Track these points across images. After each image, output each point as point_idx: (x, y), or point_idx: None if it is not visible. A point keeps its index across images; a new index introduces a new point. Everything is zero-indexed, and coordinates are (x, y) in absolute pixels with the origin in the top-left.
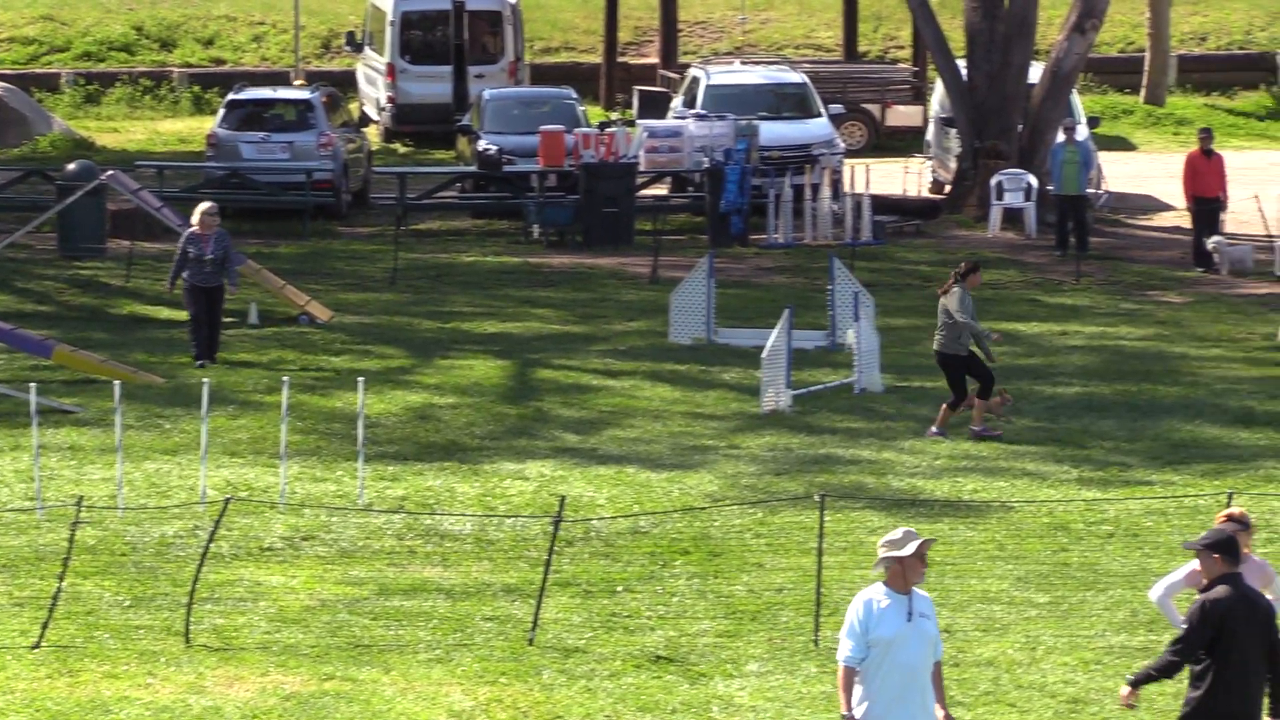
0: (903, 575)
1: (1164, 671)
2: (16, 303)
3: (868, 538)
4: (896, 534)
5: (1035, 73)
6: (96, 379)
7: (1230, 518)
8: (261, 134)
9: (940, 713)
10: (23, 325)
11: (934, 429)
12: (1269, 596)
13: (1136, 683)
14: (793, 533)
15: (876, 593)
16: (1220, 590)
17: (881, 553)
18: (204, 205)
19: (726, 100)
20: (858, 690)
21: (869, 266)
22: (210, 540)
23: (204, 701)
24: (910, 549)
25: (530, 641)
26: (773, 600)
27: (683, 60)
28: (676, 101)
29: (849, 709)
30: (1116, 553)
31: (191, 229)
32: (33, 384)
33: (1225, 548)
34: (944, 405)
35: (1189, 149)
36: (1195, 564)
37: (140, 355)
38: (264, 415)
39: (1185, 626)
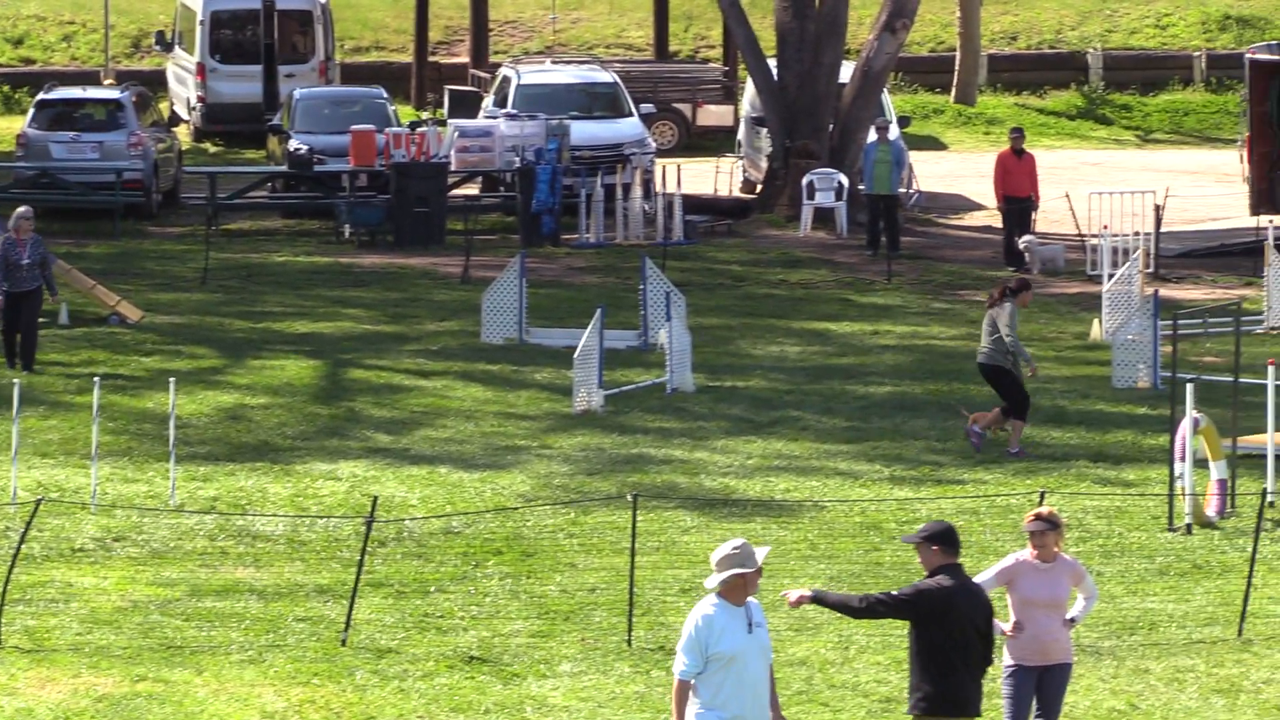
0: (744, 588)
1: (848, 609)
2: None
3: (680, 537)
4: (733, 548)
5: (846, 72)
6: None
7: (1039, 517)
8: (71, 134)
9: (772, 715)
10: None
11: (1013, 449)
12: (1081, 595)
13: (821, 599)
14: (605, 533)
15: (713, 606)
16: (941, 579)
17: (724, 569)
18: (20, 210)
19: (537, 100)
20: (694, 703)
21: (680, 266)
22: (21, 542)
23: (16, 703)
24: (758, 562)
25: (343, 642)
26: (585, 600)
27: (494, 60)
28: (488, 101)
29: None
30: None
31: (7, 234)
32: None
33: (943, 539)
34: (1013, 420)
35: (1000, 148)
36: (1006, 562)
37: None
38: (75, 416)
39: (898, 594)
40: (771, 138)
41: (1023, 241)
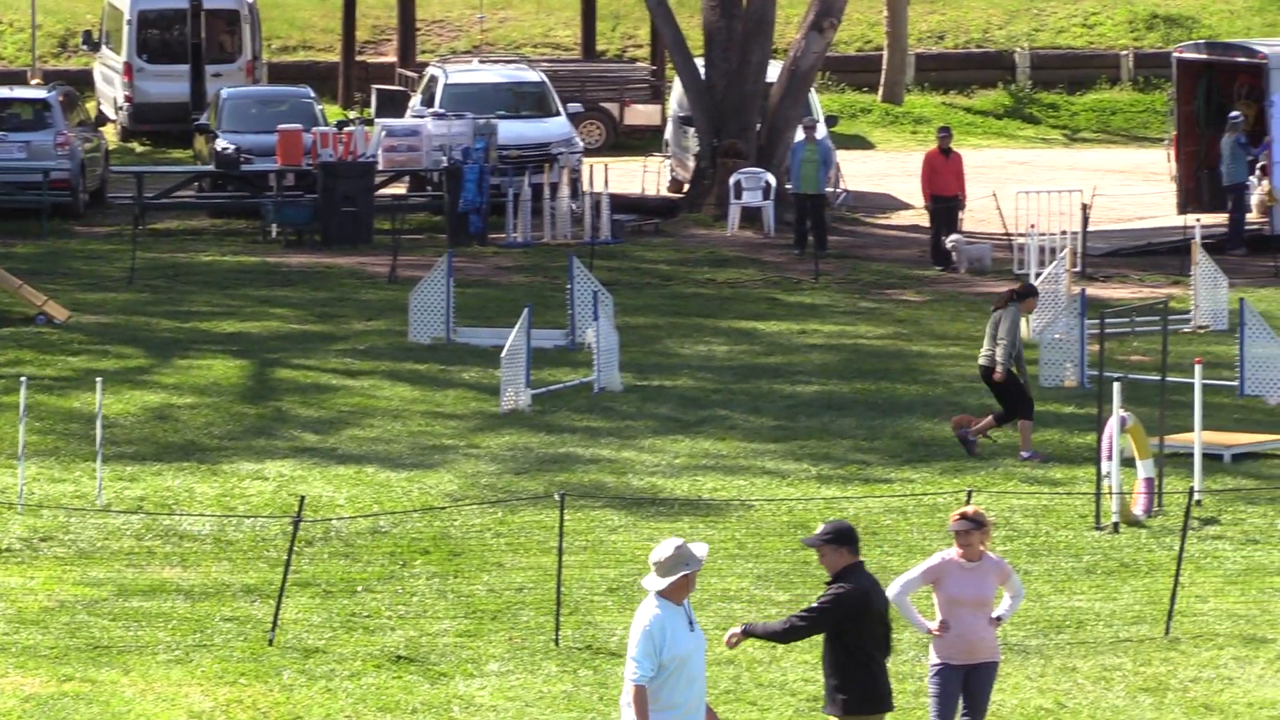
0: (687, 588)
1: (775, 636)
2: None
3: (608, 537)
4: (675, 548)
5: (774, 72)
6: None
7: (964, 516)
8: None
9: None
10: None
11: (1023, 453)
12: (1007, 594)
13: (751, 632)
14: (533, 532)
15: (659, 607)
16: (852, 580)
17: (670, 569)
18: None
19: (465, 99)
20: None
21: (608, 265)
22: None
23: None
24: (701, 560)
25: (270, 642)
26: (513, 600)
27: (421, 59)
28: (415, 100)
29: None
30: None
31: None
32: None
33: (849, 538)
34: (1020, 423)
35: (927, 147)
36: (931, 561)
37: None
38: (1, 416)
39: (817, 606)
40: (699, 137)
41: (950, 240)
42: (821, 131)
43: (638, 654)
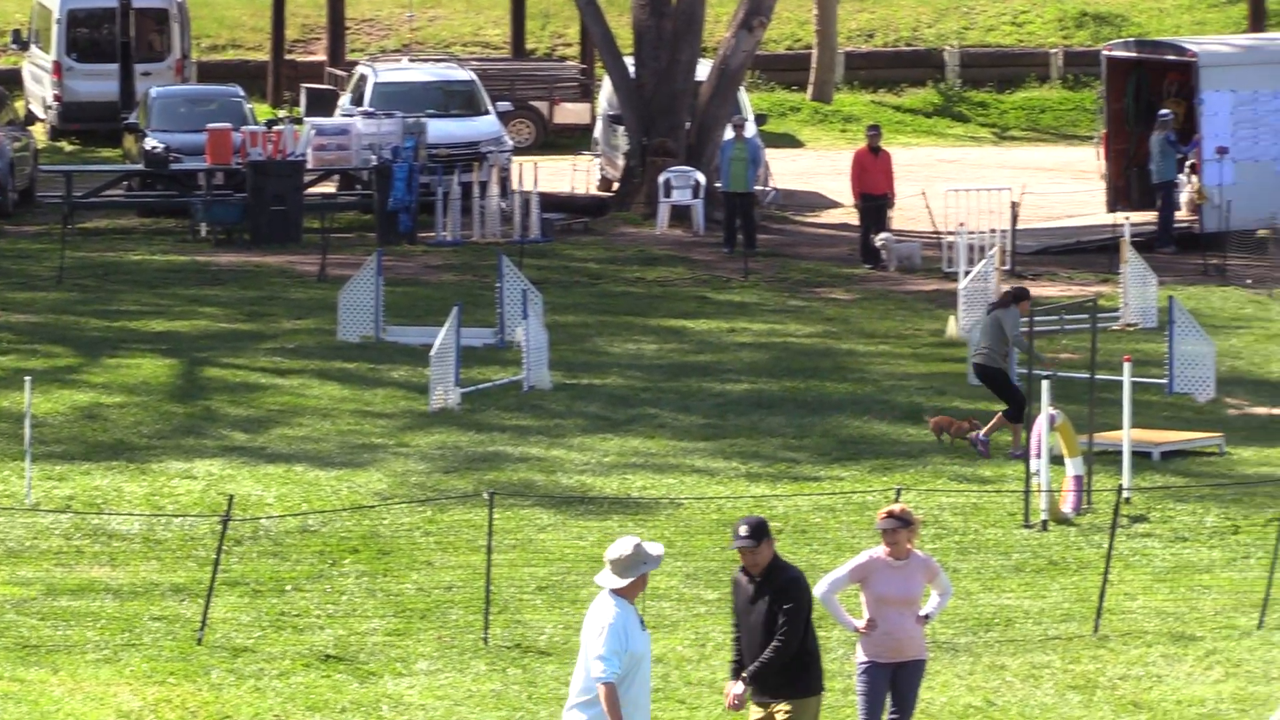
0: (643, 586)
1: (779, 659)
2: None
3: (537, 535)
4: (634, 546)
5: (703, 70)
6: None
7: (891, 515)
8: None
9: None
10: None
11: (1014, 451)
12: (935, 592)
13: (751, 680)
14: (462, 530)
15: (618, 605)
16: (789, 568)
17: (629, 567)
18: None
19: (394, 98)
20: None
21: (537, 264)
22: None
23: None
24: (658, 559)
25: (199, 641)
26: (442, 598)
27: (350, 58)
28: (344, 99)
29: None
30: (785, 549)
31: None
32: None
33: (769, 530)
34: (1010, 423)
35: (857, 146)
36: (859, 560)
37: None
38: None
39: (793, 608)
40: (628, 135)
41: (879, 239)
42: (751, 130)
43: (605, 652)
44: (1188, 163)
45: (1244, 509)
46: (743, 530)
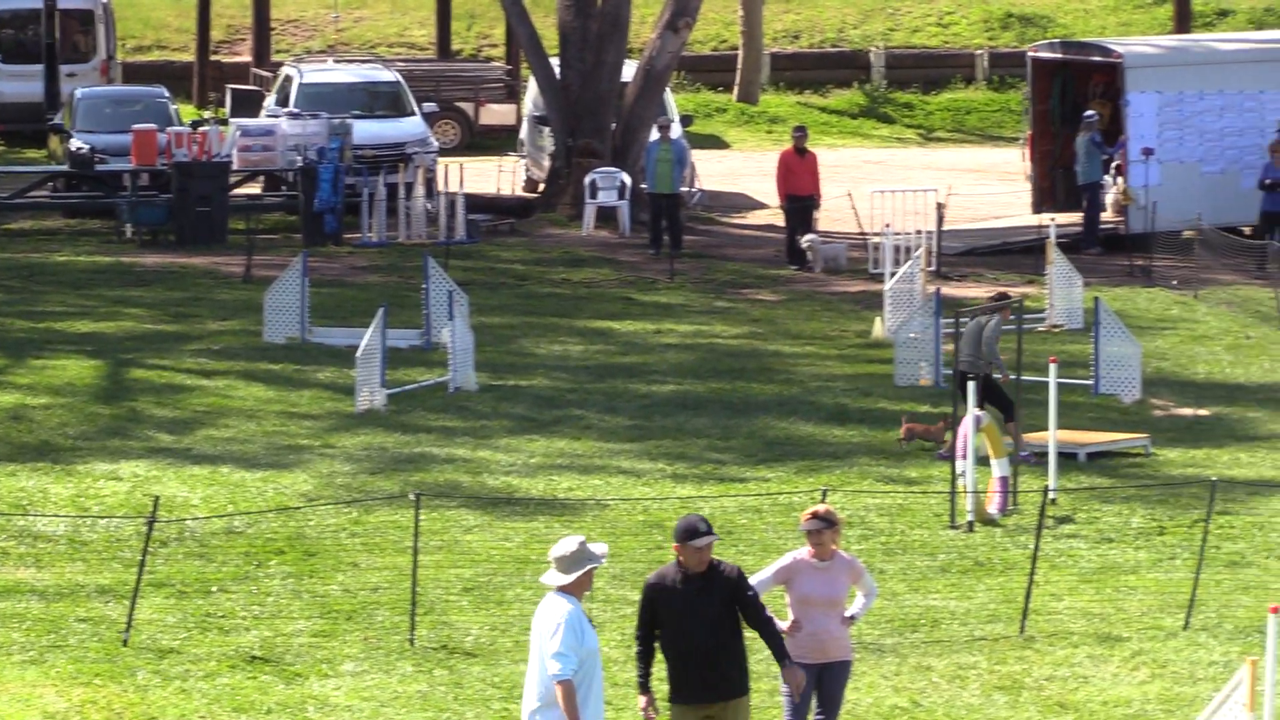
0: (587, 584)
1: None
2: None
3: (463, 537)
4: (579, 544)
5: (629, 71)
6: None
7: (816, 515)
8: None
9: None
10: None
11: (1022, 453)
12: (860, 593)
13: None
14: (388, 532)
15: (570, 603)
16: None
17: (575, 564)
18: None
19: (320, 99)
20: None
21: (463, 265)
22: None
23: None
24: (601, 558)
25: (125, 642)
26: (368, 600)
27: (276, 58)
28: (270, 100)
29: None
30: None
31: None
32: None
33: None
34: (1009, 424)
35: (782, 147)
36: (783, 561)
37: None
38: None
39: (758, 596)
40: (554, 137)
41: (805, 240)
42: (677, 131)
43: (561, 649)
44: (1113, 164)
45: (1170, 510)
46: (703, 526)
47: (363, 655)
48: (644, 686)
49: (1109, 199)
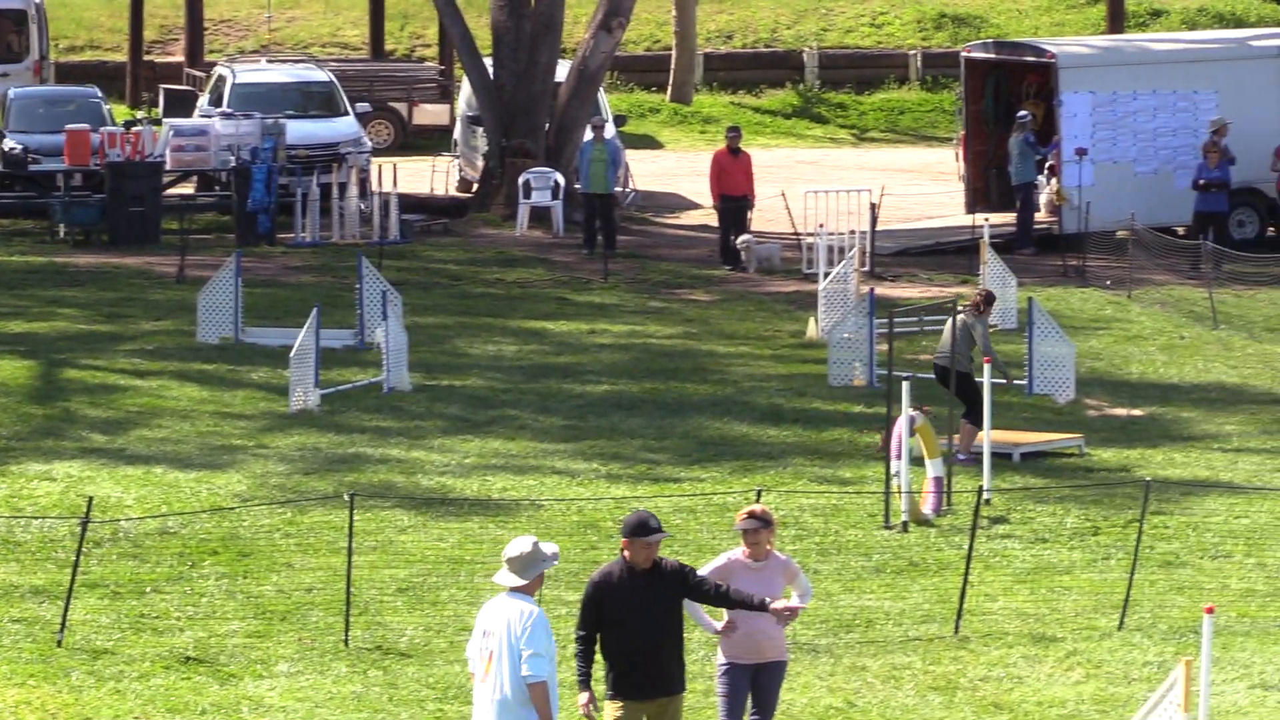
0: (540, 584)
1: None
2: None
3: (397, 537)
4: (533, 544)
5: (562, 71)
6: None
7: (751, 515)
8: None
9: None
10: None
11: (960, 455)
12: (795, 593)
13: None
14: (322, 532)
15: (532, 604)
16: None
17: (525, 566)
18: None
19: (253, 99)
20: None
21: (397, 265)
22: None
23: None
24: (554, 555)
25: (58, 643)
26: (302, 600)
27: (209, 58)
28: (203, 100)
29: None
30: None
31: None
32: None
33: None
34: (968, 426)
35: (716, 147)
36: (718, 561)
37: None
38: None
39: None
40: (488, 137)
41: (741, 240)
42: (610, 131)
43: (537, 649)
44: (1047, 164)
45: (1104, 510)
46: (653, 523)
47: (297, 656)
48: (584, 683)
49: (1043, 199)
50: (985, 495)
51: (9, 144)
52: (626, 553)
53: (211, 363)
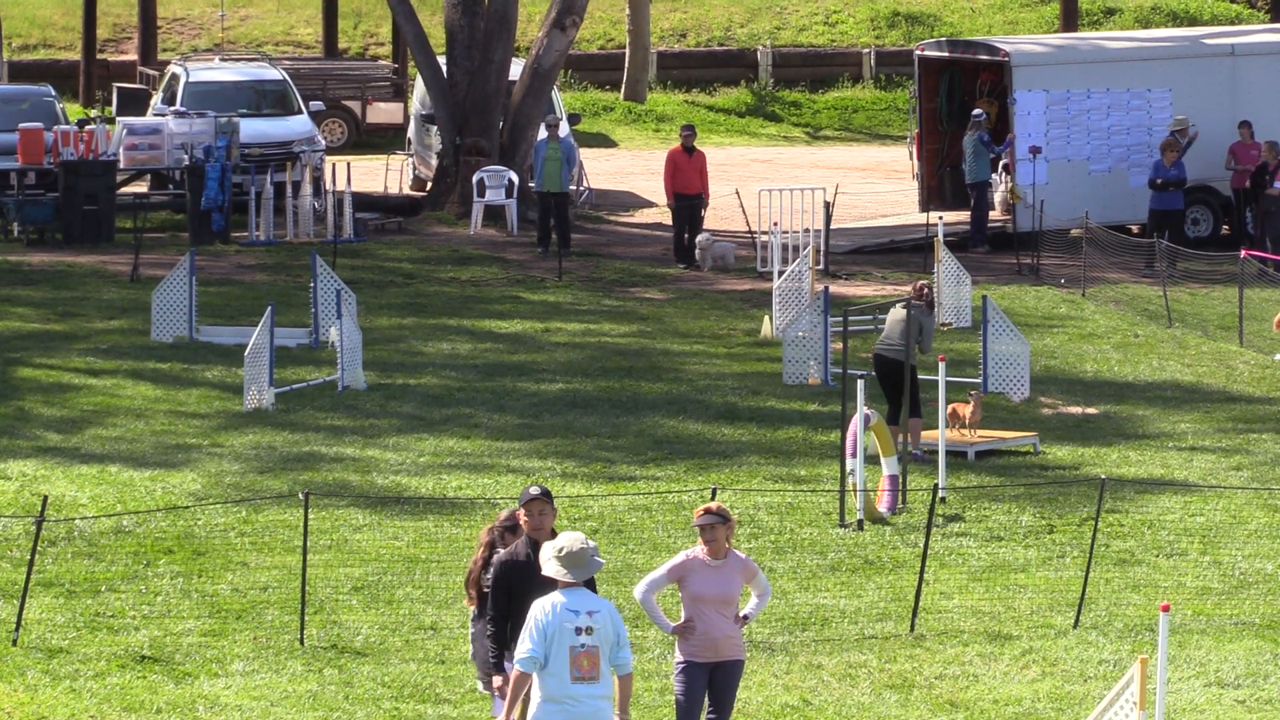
0: None
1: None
2: None
3: (352, 536)
4: (579, 541)
5: (516, 70)
6: None
7: (709, 511)
8: None
9: None
10: None
11: (915, 451)
12: (753, 593)
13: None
14: (277, 531)
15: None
16: None
17: (583, 565)
18: None
19: (207, 97)
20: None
21: (351, 264)
22: None
23: None
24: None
25: (14, 642)
26: (258, 599)
27: (162, 57)
28: (156, 99)
29: None
30: (601, 549)
31: None
32: None
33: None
34: (913, 420)
35: (670, 145)
36: (676, 560)
37: None
38: None
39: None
40: (441, 135)
41: (699, 239)
42: (564, 130)
43: (627, 639)
44: (1001, 162)
45: (1059, 508)
46: (535, 490)
47: (252, 655)
48: (499, 666)
49: (997, 197)
50: (940, 493)
51: None
52: (524, 520)
53: (166, 361)
